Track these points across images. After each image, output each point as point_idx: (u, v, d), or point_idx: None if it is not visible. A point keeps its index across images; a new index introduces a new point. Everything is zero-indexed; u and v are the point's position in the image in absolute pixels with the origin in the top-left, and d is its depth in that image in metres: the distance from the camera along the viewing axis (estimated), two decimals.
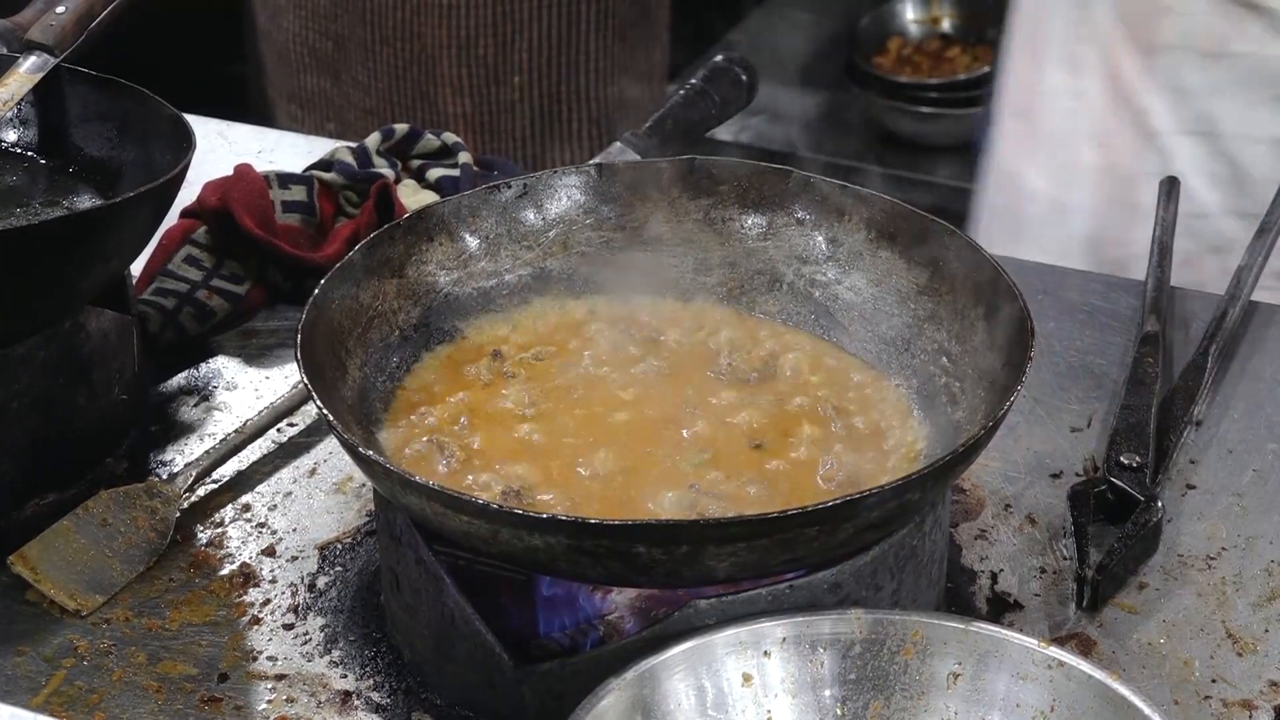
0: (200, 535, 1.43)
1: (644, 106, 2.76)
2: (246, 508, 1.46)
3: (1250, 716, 1.24)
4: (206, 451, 1.48)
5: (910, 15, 3.68)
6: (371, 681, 1.28)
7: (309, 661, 1.30)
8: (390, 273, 1.38)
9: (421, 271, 1.41)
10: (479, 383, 1.36)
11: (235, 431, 1.50)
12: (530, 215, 1.45)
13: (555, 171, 1.46)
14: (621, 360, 1.39)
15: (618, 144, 1.68)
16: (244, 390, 1.61)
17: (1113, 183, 2.02)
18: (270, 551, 1.41)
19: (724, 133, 3.37)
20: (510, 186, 1.45)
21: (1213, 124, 1.95)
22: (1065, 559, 1.38)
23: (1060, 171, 2.06)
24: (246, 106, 2.96)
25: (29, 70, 1.50)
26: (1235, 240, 1.82)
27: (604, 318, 1.44)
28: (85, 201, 1.53)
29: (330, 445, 1.53)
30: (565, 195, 1.46)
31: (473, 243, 1.44)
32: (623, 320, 1.43)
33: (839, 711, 1.16)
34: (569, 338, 1.42)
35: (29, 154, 1.58)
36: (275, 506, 1.46)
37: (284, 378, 1.62)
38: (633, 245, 1.46)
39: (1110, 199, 2.02)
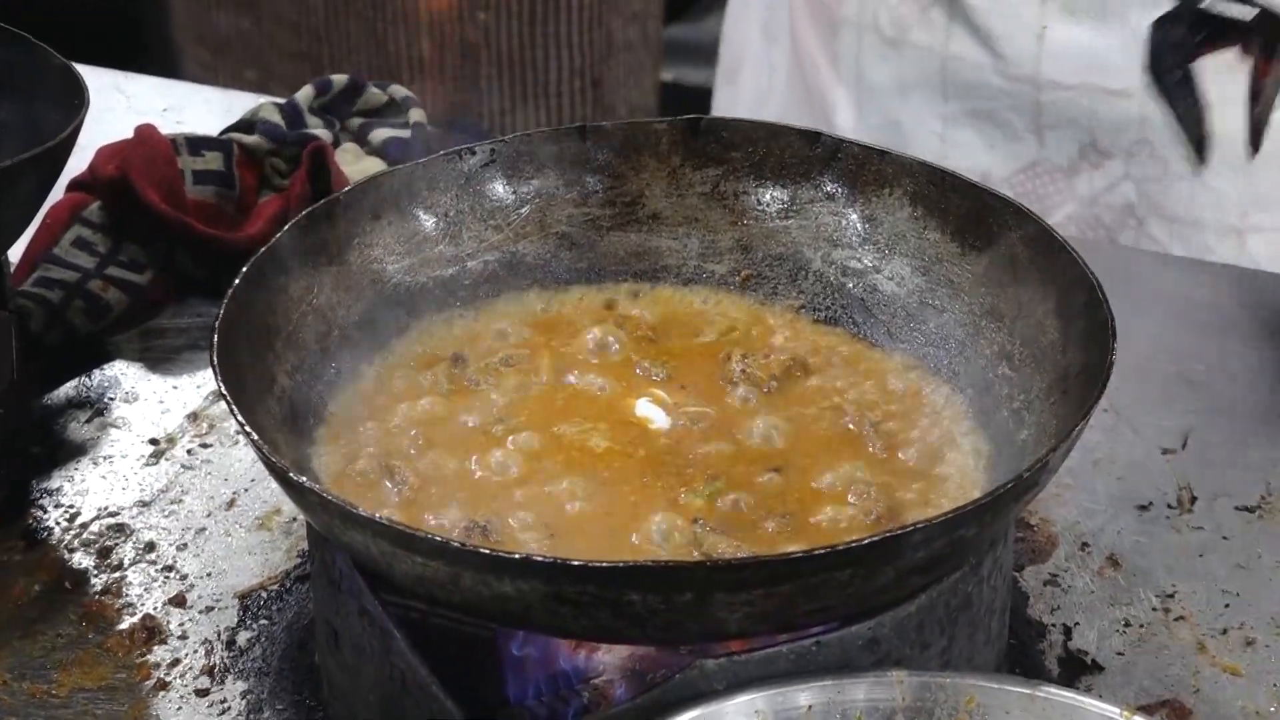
0: (94, 581, 1.43)
1: (637, 54, 2.77)
2: (150, 547, 1.46)
3: None
4: (101, 478, 1.48)
5: None
6: None
7: None
8: (327, 259, 1.39)
9: (366, 257, 1.41)
10: (437, 393, 1.37)
11: (138, 454, 1.50)
12: (499, 188, 1.46)
13: (530, 134, 1.47)
14: (611, 366, 1.40)
15: None
16: (147, 402, 1.61)
17: None
18: (179, 601, 1.41)
19: None
20: (475, 153, 1.45)
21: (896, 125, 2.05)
22: (1154, 609, 1.39)
23: None
24: (148, 54, 2.97)
25: None
26: None
27: (589, 314, 1.45)
28: None
29: (253, 470, 1.53)
30: (542, 163, 1.46)
31: (428, 222, 1.44)
32: (612, 317, 1.44)
33: None
34: (546, 338, 1.42)
35: None
36: (185, 546, 1.47)
37: (196, 387, 1.63)
38: (624, 225, 1.47)
39: None
